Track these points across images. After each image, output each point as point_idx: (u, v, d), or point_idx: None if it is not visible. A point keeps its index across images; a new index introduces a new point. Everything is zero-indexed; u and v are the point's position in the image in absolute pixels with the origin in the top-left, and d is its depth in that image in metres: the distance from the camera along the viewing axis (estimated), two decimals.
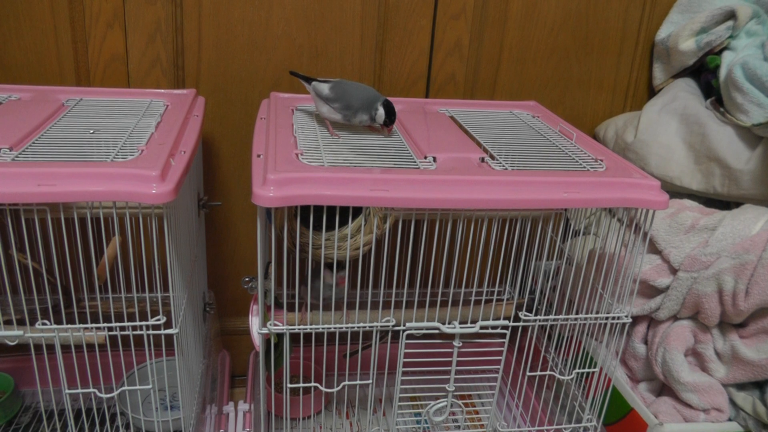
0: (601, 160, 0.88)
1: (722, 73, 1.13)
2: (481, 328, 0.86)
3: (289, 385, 0.84)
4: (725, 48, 1.17)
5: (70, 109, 0.96)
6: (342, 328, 0.83)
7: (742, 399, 1.02)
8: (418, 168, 0.79)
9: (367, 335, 0.89)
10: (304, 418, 1.23)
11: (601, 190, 0.80)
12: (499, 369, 0.94)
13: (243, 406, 1.19)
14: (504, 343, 0.90)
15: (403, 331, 0.85)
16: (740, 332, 1.02)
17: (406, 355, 0.88)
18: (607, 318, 0.91)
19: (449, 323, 0.85)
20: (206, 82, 1.17)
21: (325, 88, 0.90)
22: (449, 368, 0.89)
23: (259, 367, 0.87)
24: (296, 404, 1.16)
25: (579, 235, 1.19)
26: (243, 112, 1.20)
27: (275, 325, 0.81)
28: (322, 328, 0.83)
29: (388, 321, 0.84)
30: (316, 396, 1.24)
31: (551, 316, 0.90)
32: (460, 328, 0.85)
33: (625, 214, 0.88)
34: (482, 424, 1.22)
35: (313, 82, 0.93)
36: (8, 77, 1.11)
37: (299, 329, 0.82)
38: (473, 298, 0.90)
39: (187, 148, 0.82)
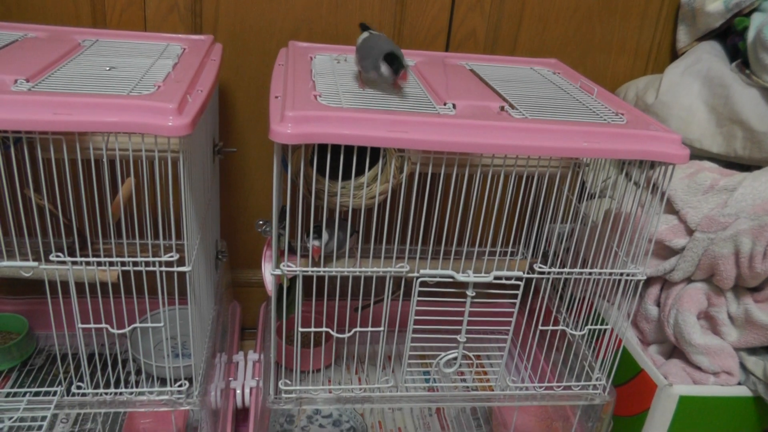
0: (622, 114, 0.86)
1: (750, 34, 1.10)
2: (496, 278, 0.86)
3: (300, 329, 0.83)
4: (755, 9, 1.14)
5: (87, 48, 0.95)
6: (355, 272, 0.83)
7: (753, 363, 1.01)
8: (438, 113, 0.78)
9: (380, 288, 0.89)
10: (313, 371, 1.24)
11: (621, 140, 0.79)
12: (509, 330, 0.94)
13: (253, 356, 1.20)
14: (516, 301, 0.90)
15: (417, 278, 0.84)
16: (755, 296, 1.01)
17: (418, 312, 0.87)
18: (622, 274, 0.90)
19: (463, 272, 0.85)
20: (224, 30, 1.16)
21: (360, 38, 0.89)
22: (461, 320, 0.89)
23: (270, 317, 0.87)
24: (306, 356, 1.16)
25: (595, 197, 1.18)
26: (260, 62, 1.19)
27: (288, 266, 0.80)
28: (335, 272, 0.83)
29: (402, 267, 0.84)
30: (327, 349, 1.24)
31: (566, 269, 0.89)
32: (474, 276, 0.84)
33: (642, 176, 0.87)
34: (491, 387, 1.22)
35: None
36: (23, 19, 1.10)
37: (312, 272, 0.82)
38: (486, 258, 0.90)
39: (204, 88, 0.82)
